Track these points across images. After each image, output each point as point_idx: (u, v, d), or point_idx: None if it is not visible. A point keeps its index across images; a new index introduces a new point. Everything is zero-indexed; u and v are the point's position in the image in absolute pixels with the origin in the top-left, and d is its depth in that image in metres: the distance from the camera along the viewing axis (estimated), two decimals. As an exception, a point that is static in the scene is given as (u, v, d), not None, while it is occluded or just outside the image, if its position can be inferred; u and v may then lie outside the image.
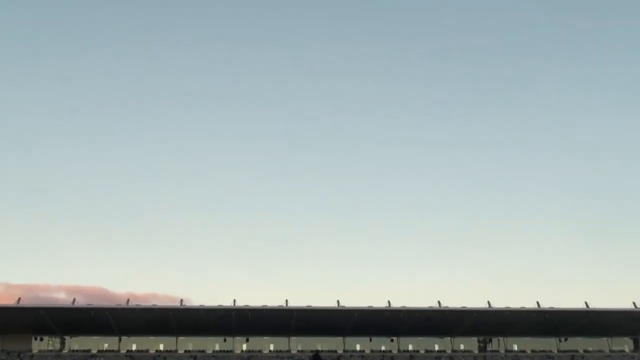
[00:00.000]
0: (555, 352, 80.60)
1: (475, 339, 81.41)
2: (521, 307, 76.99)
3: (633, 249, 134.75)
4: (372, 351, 77.96)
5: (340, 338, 78.20)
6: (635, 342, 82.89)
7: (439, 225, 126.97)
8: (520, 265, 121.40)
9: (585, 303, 77.63)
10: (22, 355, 70.73)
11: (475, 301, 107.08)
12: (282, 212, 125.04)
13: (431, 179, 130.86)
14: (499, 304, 77.18)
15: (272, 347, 77.62)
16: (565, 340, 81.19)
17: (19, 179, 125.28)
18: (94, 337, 75.40)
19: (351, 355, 76.81)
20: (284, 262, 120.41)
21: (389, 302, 75.31)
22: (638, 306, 77.22)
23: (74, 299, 77.03)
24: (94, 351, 74.54)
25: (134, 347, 75.62)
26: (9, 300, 77.54)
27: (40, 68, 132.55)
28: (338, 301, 75.01)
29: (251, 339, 76.61)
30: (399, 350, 78.32)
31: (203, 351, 75.99)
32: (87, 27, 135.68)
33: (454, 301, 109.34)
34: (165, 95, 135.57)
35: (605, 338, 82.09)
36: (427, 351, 78.96)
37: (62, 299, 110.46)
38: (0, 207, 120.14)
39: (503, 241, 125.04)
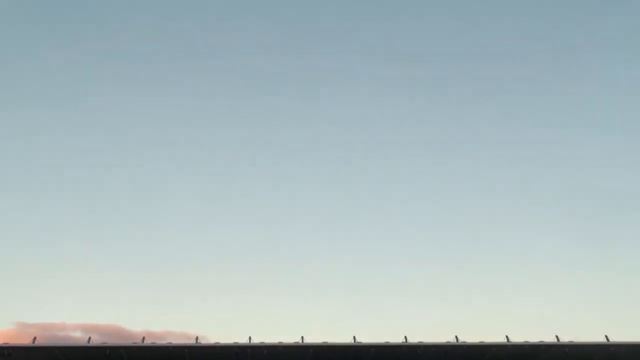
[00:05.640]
0: (576, 386, 79.08)
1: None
2: (540, 341, 75.62)
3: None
4: (389, 387, 76.79)
5: (357, 374, 77.11)
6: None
7: (453, 258, 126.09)
8: (538, 298, 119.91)
9: (606, 336, 76.35)
10: (37, 395, 70.26)
11: (493, 335, 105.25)
12: (297, 247, 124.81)
13: (446, 209, 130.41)
14: (517, 337, 76.13)
15: (288, 385, 76.63)
16: (586, 374, 79.73)
17: (34, 218, 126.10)
18: (110, 376, 74.75)
19: (368, 392, 75.65)
20: (299, 297, 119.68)
21: (405, 337, 74.33)
22: (659, 339, 75.99)
23: (89, 337, 76.85)
24: (109, 390, 73.92)
25: (149, 386, 74.89)
26: (24, 340, 76.70)
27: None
28: (354, 337, 74.16)
29: (267, 376, 75.74)
30: (416, 387, 77.05)
31: (219, 389, 75.13)
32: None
33: (471, 335, 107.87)
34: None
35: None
36: (445, 387, 77.75)
37: (78, 337, 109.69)
38: (14, 247, 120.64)
39: (520, 273, 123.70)
